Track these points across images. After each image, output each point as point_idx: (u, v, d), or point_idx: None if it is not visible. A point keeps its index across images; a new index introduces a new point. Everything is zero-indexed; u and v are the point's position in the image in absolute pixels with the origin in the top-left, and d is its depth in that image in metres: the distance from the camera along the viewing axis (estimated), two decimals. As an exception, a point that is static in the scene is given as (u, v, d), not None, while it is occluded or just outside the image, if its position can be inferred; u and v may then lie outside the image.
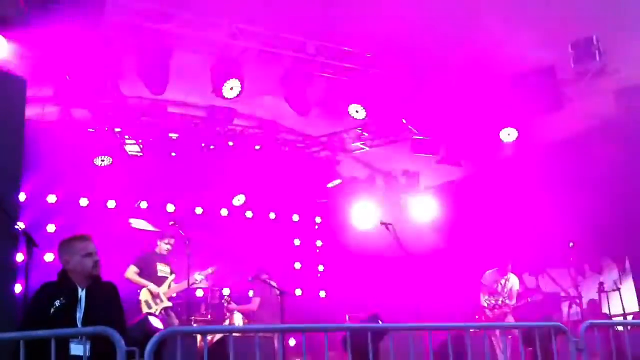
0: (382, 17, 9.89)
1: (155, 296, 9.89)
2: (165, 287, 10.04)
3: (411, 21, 9.76)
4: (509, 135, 11.45)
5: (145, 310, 9.77)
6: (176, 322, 9.88)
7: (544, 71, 10.44)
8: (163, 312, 9.92)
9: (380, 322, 8.08)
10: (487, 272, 11.18)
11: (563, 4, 9.29)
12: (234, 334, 4.32)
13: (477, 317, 11.14)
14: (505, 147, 11.91)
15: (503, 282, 11.00)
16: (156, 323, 8.65)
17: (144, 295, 9.92)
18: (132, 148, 12.90)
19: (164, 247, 10.37)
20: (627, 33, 9.82)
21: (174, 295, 10.46)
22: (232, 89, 9.86)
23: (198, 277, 10.18)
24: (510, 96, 11.11)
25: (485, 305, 10.96)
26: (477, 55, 10.50)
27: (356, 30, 10.20)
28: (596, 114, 11.05)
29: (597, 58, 9.93)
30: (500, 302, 10.79)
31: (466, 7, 9.38)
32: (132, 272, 10.01)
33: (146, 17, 9.03)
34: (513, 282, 11.03)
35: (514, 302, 10.87)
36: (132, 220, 12.02)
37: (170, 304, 10.03)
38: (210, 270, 10.39)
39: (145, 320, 7.44)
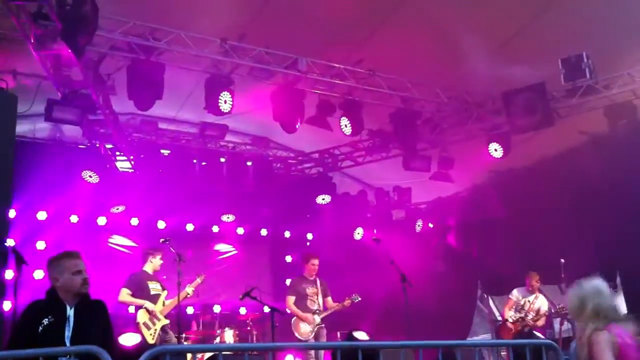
0: (374, 35, 9.98)
1: (152, 315, 9.81)
2: (159, 304, 9.96)
3: (402, 40, 9.84)
4: (496, 150, 11.47)
5: (144, 331, 9.68)
6: (174, 340, 9.78)
7: (535, 88, 10.49)
8: (161, 331, 9.83)
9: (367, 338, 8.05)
10: (515, 289, 11.21)
11: (553, 21, 9.38)
12: (224, 352, 4.29)
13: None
14: (495, 163, 11.94)
15: (531, 299, 11.01)
16: (128, 341, 8.59)
17: (141, 317, 9.80)
18: (123, 164, 12.87)
19: (157, 262, 10.28)
20: (617, 50, 9.91)
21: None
22: (225, 102, 9.89)
23: (189, 289, 10.12)
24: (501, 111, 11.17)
25: (510, 320, 10.95)
26: (467, 71, 10.58)
27: (346, 47, 10.27)
28: (586, 130, 11.10)
29: (587, 75, 10.00)
30: (526, 319, 10.79)
31: (457, 28, 9.47)
32: (125, 295, 9.91)
33: (137, 34, 9.05)
34: (541, 302, 11.01)
35: (540, 323, 10.89)
36: (111, 239, 11.87)
37: (167, 322, 9.95)
38: (199, 280, 10.31)
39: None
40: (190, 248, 11.92)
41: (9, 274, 7.67)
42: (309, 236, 15.28)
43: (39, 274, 10.48)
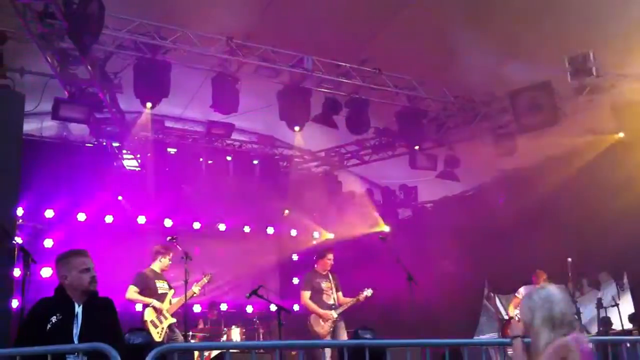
0: (380, 34, 9.98)
1: (159, 313, 9.83)
2: (166, 303, 9.97)
3: (407, 39, 9.83)
4: (502, 149, 11.45)
5: (151, 330, 9.69)
6: (180, 338, 9.79)
7: (541, 86, 10.47)
8: (167, 329, 9.84)
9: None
10: (522, 287, 11.19)
11: (560, 20, 9.36)
12: (231, 350, 4.30)
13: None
14: (501, 161, 11.92)
15: None
16: (136, 339, 8.59)
17: (148, 315, 9.80)
18: (130, 163, 12.90)
19: (166, 262, 10.29)
20: (624, 48, 9.87)
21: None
22: (232, 100, 9.95)
23: (195, 288, 10.13)
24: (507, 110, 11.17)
25: (516, 318, 10.96)
26: (473, 69, 10.57)
27: (353, 45, 10.27)
28: (593, 129, 11.08)
29: (594, 73, 9.96)
30: None
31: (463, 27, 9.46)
32: (132, 292, 9.91)
33: (144, 32, 9.08)
34: None
35: None
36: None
37: (174, 320, 9.95)
38: (205, 279, 10.31)
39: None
40: (197, 246, 11.93)
41: (16, 272, 7.70)
42: (315, 234, 15.28)
43: (46, 272, 10.51)
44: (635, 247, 10.60)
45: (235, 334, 11.19)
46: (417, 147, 12.41)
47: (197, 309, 12.64)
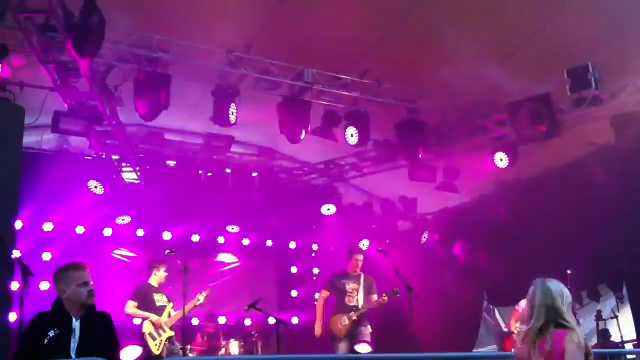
0: (380, 45, 10.00)
1: (157, 326, 9.81)
2: (165, 316, 9.96)
3: (407, 51, 9.85)
4: (501, 160, 11.45)
5: (149, 342, 9.68)
6: (180, 352, 9.78)
7: (540, 98, 10.48)
8: (167, 342, 9.82)
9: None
10: (522, 300, 11.14)
11: (559, 32, 9.38)
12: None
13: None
14: (501, 173, 11.92)
15: None
16: (129, 355, 8.60)
17: (146, 328, 9.81)
18: (129, 175, 12.89)
19: (162, 275, 10.29)
20: (623, 60, 9.89)
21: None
22: (232, 113, 9.96)
23: (200, 296, 10.13)
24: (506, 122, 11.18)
25: (515, 332, 10.91)
26: (473, 81, 10.58)
27: (352, 58, 10.29)
28: (592, 141, 11.08)
29: (593, 85, 9.97)
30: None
31: (463, 39, 9.47)
32: (131, 307, 9.92)
33: (144, 45, 9.09)
34: None
35: None
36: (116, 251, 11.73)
37: (172, 333, 9.95)
38: (204, 294, 10.30)
39: None
40: (196, 259, 11.91)
41: (14, 285, 7.68)
42: (314, 247, 15.26)
43: (44, 285, 10.48)
44: (634, 259, 10.59)
45: (234, 348, 11.14)
46: (416, 159, 12.40)
47: (195, 322, 12.60)
